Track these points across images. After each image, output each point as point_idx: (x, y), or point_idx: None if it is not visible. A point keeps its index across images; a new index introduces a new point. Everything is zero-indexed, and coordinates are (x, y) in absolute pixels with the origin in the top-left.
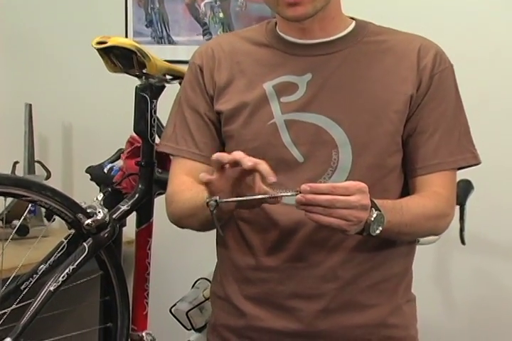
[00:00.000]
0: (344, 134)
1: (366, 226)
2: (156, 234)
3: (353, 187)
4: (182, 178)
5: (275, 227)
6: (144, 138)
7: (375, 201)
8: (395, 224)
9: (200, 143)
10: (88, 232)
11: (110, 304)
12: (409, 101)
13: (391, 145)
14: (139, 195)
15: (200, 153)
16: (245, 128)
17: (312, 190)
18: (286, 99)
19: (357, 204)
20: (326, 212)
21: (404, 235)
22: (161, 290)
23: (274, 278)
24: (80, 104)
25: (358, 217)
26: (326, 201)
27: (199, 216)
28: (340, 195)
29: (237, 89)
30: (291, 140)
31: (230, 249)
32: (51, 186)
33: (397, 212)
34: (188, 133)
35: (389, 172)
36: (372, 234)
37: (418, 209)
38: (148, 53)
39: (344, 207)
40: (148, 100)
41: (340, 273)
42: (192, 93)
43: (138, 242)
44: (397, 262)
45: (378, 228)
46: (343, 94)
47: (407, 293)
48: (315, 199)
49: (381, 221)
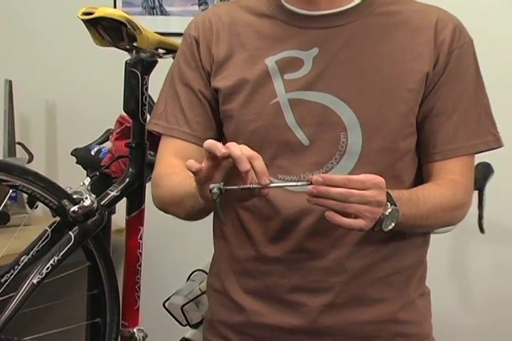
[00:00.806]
0: (353, 115)
1: (379, 222)
2: (148, 222)
3: (369, 181)
4: (170, 160)
5: (277, 215)
6: (134, 118)
7: (391, 193)
8: (410, 217)
9: (192, 122)
10: (74, 220)
11: (98, 298)
12: (425, 79)
13: (404, 127)
14: (129, 179)
15: (192, 132)
16: (245, 108)
17: (325, 182)
18: (291, 76)
19: (372, 199)
20: (340, 206)
21: (418, 228)
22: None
23: (275, 271)
24: (65, 80)
25: (373, 212)
26: (340, 194)
27: (185, 205)
28: (355, 188)
29: (236, 64)
30: (296, 121)
31: (229, 239)
32: (33, 170)
33: (412, 204)
34: (179, 111)
35: (401, 156)
36: (384, 230)
37: (435, 199)
38: (139, 25)
39: (359, 201)
40: (139, 76)
41: (348, 264)
42: (186, 67)
43: (128, 231)
44: (409, 253)
45: (391, 223)
46: (353, 71)
47: (421, 286)
48: (328, 192)
49: (395, 216)
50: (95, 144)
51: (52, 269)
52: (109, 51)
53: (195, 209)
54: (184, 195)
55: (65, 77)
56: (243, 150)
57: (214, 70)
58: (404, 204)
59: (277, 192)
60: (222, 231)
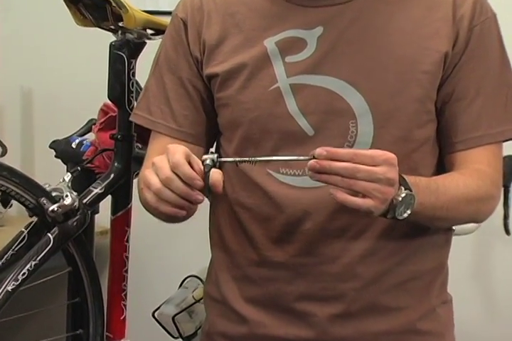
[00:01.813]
0: (363, 101)
1: (392, 207)
2: (135, 223)
3: (379, 156)
4: None
5: (280, 215)
6: (120, 106)
7: (406, 178)
8: (429, 206)
9: (179, 116)
10: (53, 220)
11: (80, 307)
12: (444, 60)
13: (420, 113)
14: (114, 175)
15: (179, 128)
16: (242, 94)
17: (329, 155)
18: (292, 59)
19: (382, 176)
20: (345, 183)
21: (439, 220)
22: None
23: (280, 277)
24: (42, 65)
25: (383, 192)
26: (345, 169)
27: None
28: (363, 164)
29: (231, 47)
30: (299, 108)
31: (227, 242)
32: (7, 164)
33: (431, 193)
34: (165, 103)
35: (419, 146)
36: (399, 218)
37: (458, 189)
38: (125, 2)
39: (367, 178)
40: (125, 60)
41: (360, 270)
42: (173, 53)
43: (114, 232)
44: (430, 255)
45: (406, 211)
46: (361, 51)
47: (442, 293)
48: (331, 167)
49: (410, 202)
50: (76, 136)
51: (29, 275)
52: (91, 32)
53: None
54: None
55: (42, 62)
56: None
57: (206, 56)
58: (421, 191)
59: (279, 189)
60: (219, 232)
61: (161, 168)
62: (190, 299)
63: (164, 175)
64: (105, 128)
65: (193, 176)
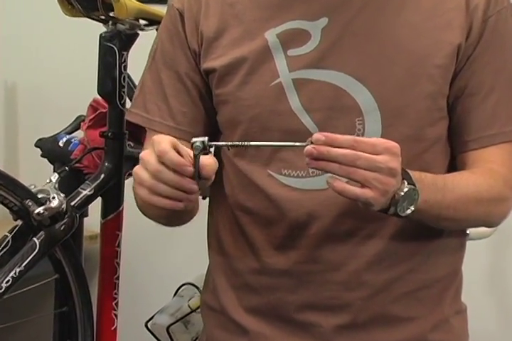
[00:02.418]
0: (371, 97)
1: (393, 202)
2: (127, 227)
3: (380, 144)
4: None
5: (283, 219)
6: (110, 102)
7: (410, 172)
8: (434, 205)
9: (177, 113)
10: (39, 224)
11: (68, 316)
12: (457, 52)
13: (432, 110)
14: (104, 175)
15: (177, 126)
16: (242, 91)
17: (328, 141)
18: (295, 52)
19: (383, 165)
20: (343, 170)
21: (445, 221)
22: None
23: (282, 285)
24: (27, 58)
25: (383, 183)
26: (344, 156)
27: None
28: (363, 151)
29: (230, 40)
30: (302, 105)
31: (226, 248)
32: None
33: (438, 190)
34: (162, 100)
35: (430, 145)
36: (401, 214)
37: (467, 188)
38: None
39: (367, 167)
40: (116, 52)
41: (368, 277)
42: (170, 46)
43: (104, 237)
44: (443, 262)
45: (409, 207)
46: (369, 44)
47: (456, 302)
48: (330, 153)
49: (414, 198)
50: (64, 134)
51: (14, 283)
52: (80, 23)
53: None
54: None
55: (28, 54)
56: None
57: (204, 49)
58: (426, 187)
59: (282, 192)
60: (218, 238)
61: (148, 161)
62: (186, 308)
63: (152, 167)
64: (95, 126)
65: (181, 162)
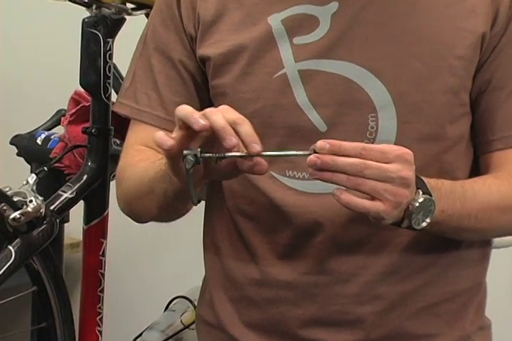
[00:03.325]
0: (385, 91)
1: (407, 215)
2: (112, 234)
3: (392, 151)
4: (138, 148)
5: (287, 225)
6: (94, 95)
7: (425, 180)
8: (453, 215)
9: (169, 103)
10: (15, 231)
11: (47, 333)
12: (481, 42)
13: (453, 106)
14: (87, 176)
15: (169, 117)
16: (242, 83)
17: (333, 149)
18: (302, 40)
19: (394, 175)
20: (351, 182)
21: (466, 232)
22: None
23: (286, 298)
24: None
25: (395, 194)
26: (351, 165)
27: (156, 192)
28: (372, 160)
29: (230, 25)
30: (309, 99)
31: (224, 257)
32: None
33: (456, 198)
34: (153, 88)
35: (451, 145)
36: (416, 228)
37: (489, 195)
38: None
39: (377, 177)
40: (100, 39)
41: (382, 290)
42: (163, 30)
43: (87, 245)
44: (464, 273)
45: (425, 219)
46: (384, 32)
47: (479, 318)
48: (335, 162)
49: (430, 209)
50: (42, 130)
51: None
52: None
53: (169, 194)
54: (153, 180)
55: (2, 42)
56: (227, 116)
57: (200, 34)
58: (444, 196)
59: (284, 195)
60: (215, 245)
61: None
62: (178, 324)
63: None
64: (77, 121)
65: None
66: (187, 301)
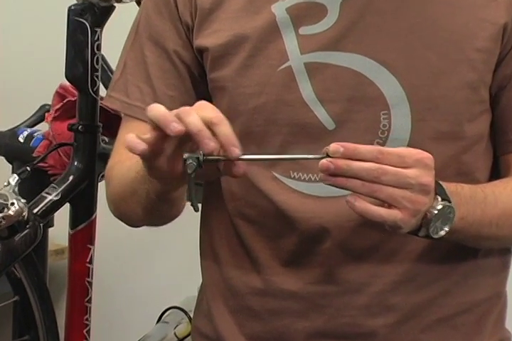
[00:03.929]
0: (399, 86)
1: (425, 223)
2: (101, 239)
3: (410, 156)
4: None
5: (292, 231)
6: (81, 89)
7: (443, 185)
8: (473, 222)
9: (163, 97)
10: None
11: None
12: (502, 33)
13: (472, 103)
14: (74, 177)
15: None
16: (243, 76)
17: (347, 153)
18: (308, 30)
19: (413, 181)
20: (368, 188)
21: (485, 240)
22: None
23: (291, 309)
24: None
25: (414, 201)
26: (367, 171)
27: (139, 194)
28: (389, 164)
29: (230, 13)
30: (316, 94)
31: (223, 264)
32: None
33: (477, 204)
34: (145, 81)
35: (470, 145)
36: (434, 237)
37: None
38: None
39: (395, 183)
40: (87, 29)
41: (395, 300)
42: (157, 18)
43: (73, 252)
44: (483, 283)
45: (443, 228)
46: (396, 23)
47: (499, 330)
48: (350, 167)
49: (448, 217)
50: (25, 127)
51: None
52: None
53: (151, 195)
54: (135, 180)
55: None
56: (202, 114)
57: (197, 23)
58: (464, 202)
59: (289, 198)
60: (213, 252)
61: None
62: (172, 337)
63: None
64: (62, 117)
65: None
66: (181, 312)
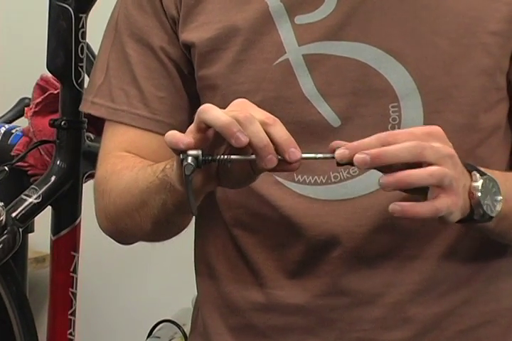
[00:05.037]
0: (408, 76)
1: (475, 204)
2: (86, 246)
3: (420, 131)
4: (119, 154)
5: (298, 239)
6: (64, 81)
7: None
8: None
9: (152, 99)
10: None
11: None
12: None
13: (489, 91)
14: (56, 177)
15: (152, 115)
16: (236, 72)
17: (355, 151)
18: (305, 19)
19: (445, 152)
20: (436, 178)
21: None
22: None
23: (298, 325)
24: None
25: (455, 178)
26: (408, 149)
27: (151, 205)
28: None
29: (218, 3)
30: (317, 89)
31: (221, 278)
32: None
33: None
34: (131, 83)
35: (486, 137)
36: (491, 215)
37: None
38: None
39: (435, 158)
40: (71, 15)
41: (412, 311)
42: (138, 13)
43: (55, 259)
44: (508, 289)
45: (496, 199)
46: (402, 7)
47: None
48: (388, 152)
49: (493, 191)
50: (2, 122)
51: None
52: None
53: (169, 206)
54: (146, 191)
55: None
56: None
57: (182, 15)
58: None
59: (294, 203)
60: (209, 264)
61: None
62: None
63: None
64: (43, 112)
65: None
66: (174, 326)
